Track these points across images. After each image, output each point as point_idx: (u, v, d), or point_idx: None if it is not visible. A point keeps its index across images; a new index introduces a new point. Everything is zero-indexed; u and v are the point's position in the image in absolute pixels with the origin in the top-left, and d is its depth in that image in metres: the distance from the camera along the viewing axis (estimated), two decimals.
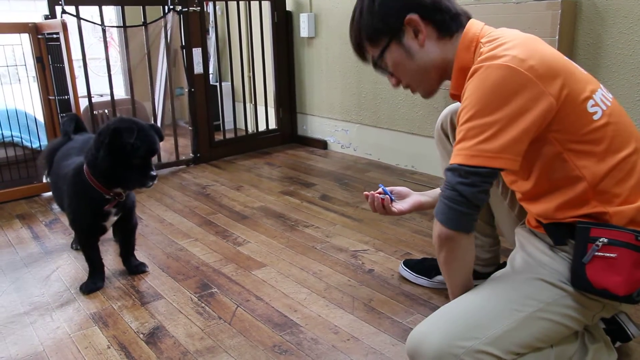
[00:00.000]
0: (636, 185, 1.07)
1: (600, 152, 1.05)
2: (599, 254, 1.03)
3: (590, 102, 1.05)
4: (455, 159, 1.03)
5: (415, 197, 1.50)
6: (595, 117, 1.05)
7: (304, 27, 3.41)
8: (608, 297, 1.05)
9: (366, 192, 1.45)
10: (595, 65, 2.11)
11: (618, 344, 1.26)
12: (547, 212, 1.14)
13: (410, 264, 1.72)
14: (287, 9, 3.49)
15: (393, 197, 1.47)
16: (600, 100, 1.07)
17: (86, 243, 1.72)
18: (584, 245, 1.05)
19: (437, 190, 1.55)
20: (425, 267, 1.68)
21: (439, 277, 1.64)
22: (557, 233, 1.12)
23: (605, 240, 1.03)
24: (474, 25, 1.15)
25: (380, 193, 1.46)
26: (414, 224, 2.16)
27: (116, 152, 1.51)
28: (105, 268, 1.86)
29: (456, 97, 1.22)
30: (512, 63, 1.00)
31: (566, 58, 1.09)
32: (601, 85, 1.12)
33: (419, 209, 1.51)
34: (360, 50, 1.24)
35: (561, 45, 2.03)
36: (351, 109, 3.28)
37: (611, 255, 1.03)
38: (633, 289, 1.03)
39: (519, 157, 1.02)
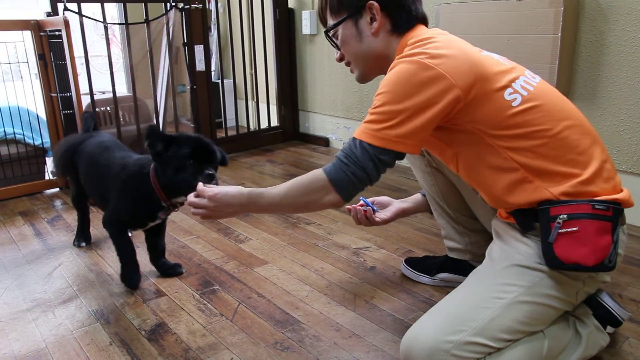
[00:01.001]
0: (574, 158, 1.11)
1: (525, 135, 1.10)
2: (562, 230, 1.07)
3: (508, 90, 1.11)
4: (363, 136, 1.13)
5: (397, 205, 1.58)
6: (515, 104, 1.11)
7: (306, 24, 3.40)
8: (580, 269, 1.08)
9: (348, 206, 1.48)
10: (598, 63, 2.10)
11: (609, 328, 1.27)
12: (500, 202, 1.20)
13: (411, 262, 1.72)
14: (289, 6, 3.48)
15: (375, 208, 1.53)
16: (521, 87, 1.13)
17: (121, 232, 1.69)
18: (547, 225, 1.09)
19: (418, 196, 1.61)
20: (427, 265, 1.68)
21: (440, 275, 1.65)
22: (523, 219, 1.17)
23: (565, 216, 1.07)
24: (416, 30, 1.23)
25: (362, 205, 1.51)
26: (415, 221, 2.16)
27: (166, 158, 1.49)
28: (107, 266, 1.86)
29: None
30: (424, 59, 1.09)
31: (485, 53, 1.18)
32: (526, 72, 1.19)
33: (402, 215, 1.59)
34: (322, 14, 1.33)
35: (563, 42, 2.02)
36: (353, 106, 3.28)
37: (573, 229, 1.06)
38: (602, 257, 1.06)
39: (420, 143, 1.14)
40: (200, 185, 1.28)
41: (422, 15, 1.27)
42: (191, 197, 1.28)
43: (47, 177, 2.79)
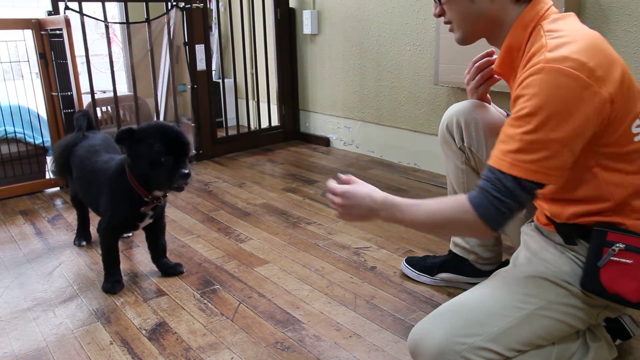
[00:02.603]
0: None
1: (633, 171, 1.03)
2: (615, 259, 1.02)
3: (636, 121, 1.02)
4: (514, 170, 0.98)
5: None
6: (636, 139, 1.02)
7: (307, 24, 3.40)
8: (619, 302, 1.04)
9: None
10: None
11: (618, 341, 1.26)
12: (560, 215, 1.13)
13: (412, 262, 1.72)
14: (290, 5, 3.48)
15: None
16: None
17: (112, 241, 1.68)
18: (599, 248, 1.04)
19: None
20: (428, 264, 1.68)
21: (441, 275, 1.64)
22: (568, 232, 1.11)
23: (622, 245, 1.02)
24: (541, 2, 1.09)
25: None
26: None
27: (139, 153, 1.48)
28: None
29: (500, 74, 1.19)
30: (581, 72, 0.94)
31: (626, 65, 1.03)
32: None
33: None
34: None
35: None
36: (354, 106, 3.28)
37: (627, 261, 1.01)
38: None
39: (569, 171, 1.00)
40: (329, 182, 1.21)
41: None
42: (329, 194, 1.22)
43: (47, 176, 2.79)
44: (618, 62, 1.00)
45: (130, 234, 2.06)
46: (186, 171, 1.45)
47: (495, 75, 1.36)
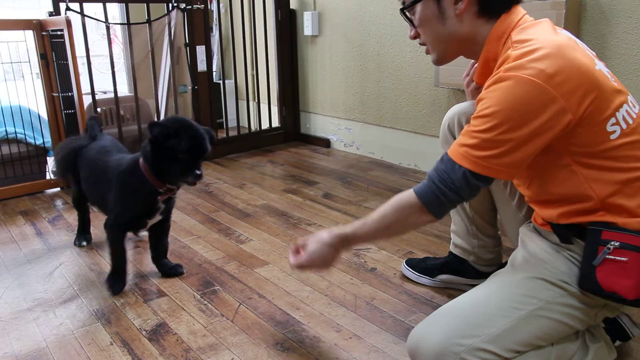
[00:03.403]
0: None
1: (613, 168, 1.04)
2: (610, 257, 1.03)
3: (612, 120, 1.03)
4: (465, 162, 1.05)
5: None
6: (613, 137, 1.03)
7: (307, 25, 3.40)
8: (616, 300, 1.04)
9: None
10: None
11: (618, 342, 1.26)
12: (551, 216, 1.14)
13: (412, 263, 1.72)
14: (291, 7, 3.49)
15: None
16: (623, 118, 1.04)
17: (119, 238, 1.69)
18: (594, 247, 1.04)
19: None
20: (428, 266, 1.68)
21: (441, 276, 1.64)
22: (564, 232, 1.12)
23: (617, 243, 1.02)
24: (512, 14, 1.11)
25: None
26: None
27: (163, 144, 1.52)
28: (108, 266, 1.86)
29: (481, 84, 1.21)
30: (540, 79, 0.97)
31: (598, 67, 1.04)
32: (629, 98, 1.08)
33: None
34: None
35: None
36: (354, 108, 3.28)
37: (622, 259, 1.02)
38: None
39: (520, 169, 1.06)
40: (290, 258, 1.29)
41: None
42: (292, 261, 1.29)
43: (48, 177, 2.79)
44: (585, 65, 1.00)
45: (144, 233, 2.00)
46: (199, 172, 1.54)
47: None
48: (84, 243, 2.04)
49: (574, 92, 0.98)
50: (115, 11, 4.44)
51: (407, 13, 1.20)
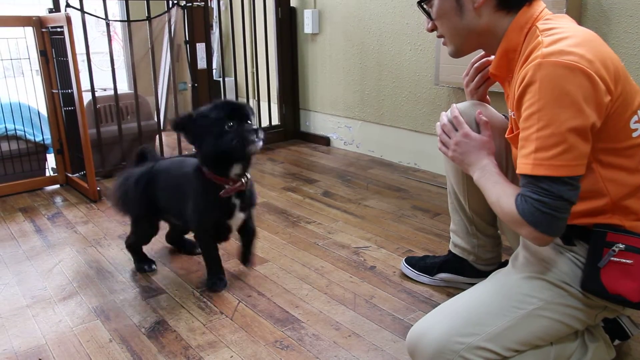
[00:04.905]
0: None
1: (630, 168, 1.03)
2: (615, 259, 1.02)
3: (634, 117, 1.02)
4: (540, 170, 0.97)
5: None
6: (635, 135, 1.02)
7: (307, 23, 3.40)
8: (620, 302, 1.04)
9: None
10: None
11: (617, 341, 1.26)
12: None
13: (411, 262, 1.72)
14: (291, 5, 3.48)
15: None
16: None
17: (208, 241, 1.66)
18: (599, 249, 1.04)
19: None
20: (427, 264, 1.68)
21: (440, 275, 1.64)
22: (567, 233, 1.10)
23: (622, 246, 1.02)
24: (533, 6, 1.10)
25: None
26: (415, 221, 2.16)
27: (202, 132, 1.46)
28: (107, 263, 1.86)
29: (496, 77, 1.20)
30: (582, 64, 0.94)
31: (621, 63, 1.04)
32: None
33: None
34: None
35: None
36: (354, 106, 3.28)
37: (628, 261, 1.01)
38: None
39: (586, 159, 0.99)
40: (454, 110, 1.24)
41: None
42: (439, 128, 1.25)
43: (47, 174, 2.79)
44: (613, 58, 1.00)
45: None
46: (254, 127, 1.42)
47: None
48: (154, 266, 1.82)
49: (611, 78, 0.97)
50: (115, 8, 4.44)
51: (425, 6, 1.19)
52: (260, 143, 1.45)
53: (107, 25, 2.77)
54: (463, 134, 1.22)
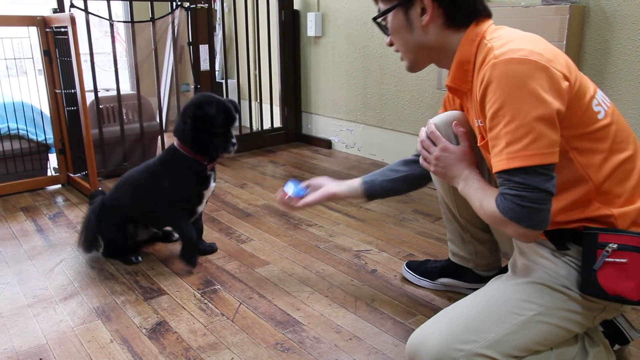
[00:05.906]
0: (636, 186, 1.08)
1: (604, 151, 1.06)
2: (610, 259, 1.03)
3: (595, 100, 1.06)
4: (515, 163, 0.98)
5: (328, 188, 1.58)
6: (599, 117, 1.06)
7: (310, 26, 3.41)
8: (622, 302, 1.04)
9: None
10: (602, 71, 2.11)
11: (616, 346, 1.26)
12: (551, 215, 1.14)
13: (412, 266, 1.72)
14: (295, 7, 3.49)
15: (304, 192, 1.57)
16: (602, 100, 1.08)
17: (183, 216, 1.80)
18: (592, 251, 1.04)
19: (355, 182, 1.61)
20: (428, 269, 1.68)
21: (441, 280, 1.65)
22: (558, 239, 1.12)
23: (615, 245, 1.02)
24: (482, 23, 1.14)
25: (290, 192, 1.57)
26: (417, 225, 2.16)
27: (200, 122, 1.68)
28: (108, 263, 1.87)
29: (453, 90, 1.23)
30: (534, 57, 0.98)
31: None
32: (598, 88, 1.13)
33: (332, 199, 1.59)
34: None
35: (568, 50, 2.03)
36: (356, 109, 3.29)
37: (622, 260, 1.02)
38: None
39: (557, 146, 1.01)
40: (430, 126, 1.28)
41: (486, 9, 1.15)
42: (419, 144, 1.29)
43: (49, 173, 2.79)
44: (562, 53, 1.06)
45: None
46: (234, 140, 1.74)
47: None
48: (140, 258, 1.89)
49: (564, 66, 1.02)
50: (118, 9, 4.45)
51: (381, 23, 1.24)
52: (234, 150, 1.75)
53: (111, 25, 2.78)
54: (442, 148, 1.24)
